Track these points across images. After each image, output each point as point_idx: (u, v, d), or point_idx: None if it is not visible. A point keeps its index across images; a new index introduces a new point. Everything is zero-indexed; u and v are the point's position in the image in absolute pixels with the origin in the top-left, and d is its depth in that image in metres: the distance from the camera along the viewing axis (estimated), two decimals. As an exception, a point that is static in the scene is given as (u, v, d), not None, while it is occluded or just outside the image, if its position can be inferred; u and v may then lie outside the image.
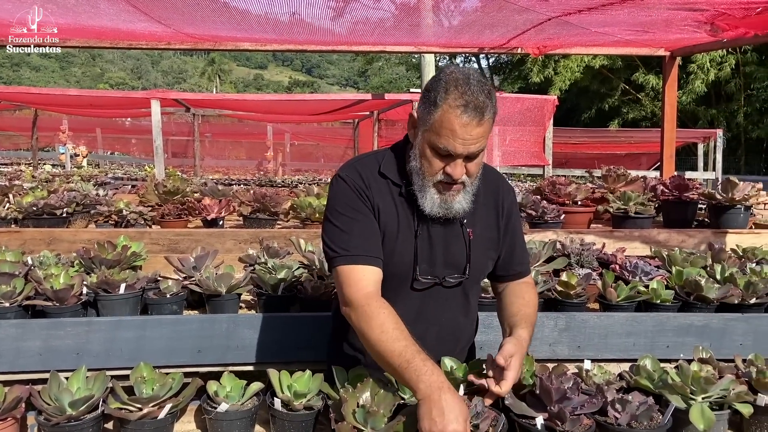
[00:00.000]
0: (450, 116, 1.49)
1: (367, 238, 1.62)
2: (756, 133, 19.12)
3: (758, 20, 3.79)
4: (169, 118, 14.15)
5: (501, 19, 4.43)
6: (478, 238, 1.73)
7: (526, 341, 1.61)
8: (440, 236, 1.70)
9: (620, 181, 4.17)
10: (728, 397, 1.65)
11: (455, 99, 1.49)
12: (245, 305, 2.78)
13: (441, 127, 1.51)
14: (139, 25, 4.47)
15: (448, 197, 1.60)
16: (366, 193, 1.64)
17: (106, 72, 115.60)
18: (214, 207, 3.88)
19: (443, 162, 1.56)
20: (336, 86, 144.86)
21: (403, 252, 1.66)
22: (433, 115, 1.52)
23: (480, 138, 1.52)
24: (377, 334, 1.50)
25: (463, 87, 1.49)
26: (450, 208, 1.61)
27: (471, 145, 1.52)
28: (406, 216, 1.67)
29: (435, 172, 1.58)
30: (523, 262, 1.86)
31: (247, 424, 1.68)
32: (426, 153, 1.57)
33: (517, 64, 23.09)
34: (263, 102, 10.59)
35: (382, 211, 1.65)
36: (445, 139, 1.51)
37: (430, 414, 1.36)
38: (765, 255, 3.18)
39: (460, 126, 1.48)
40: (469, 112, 1.48)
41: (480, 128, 1.50)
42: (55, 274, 2.52)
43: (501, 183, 1.83)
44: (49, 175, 9.13)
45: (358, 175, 1.66)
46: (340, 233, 1.62)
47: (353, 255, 1.59)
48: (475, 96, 1.48)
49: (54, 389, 1.63)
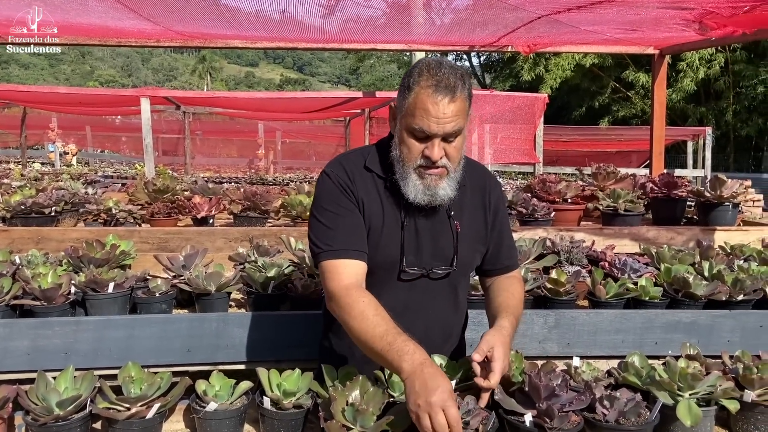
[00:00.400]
0: (422, 96, 1.53)
1: (351, 232, 1.63)
2: (745, 131, 19.24)
3: (746, 19, 3.82)
4: (160, 116, 14.08)
5: (491, 17, 4.44)
6: (466, 231, 1.74)
7: (507, 329, 1.60)
8: (427, 229, 1.71)
9: (610, 179, 4.19)
10: (715, 393, 1.66)
11: (426, 80, 1.54)
12: (235, 304, 2.78)
13: (415, 109, 1.54)
14: (128, 22, 4.44)
15: (431, 182, 1.61)
16: (350, 188, 1.66)
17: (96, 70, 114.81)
18: (204, 205, 3.87)
19: (422, 144, 1.58)
20: (327, 84, 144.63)
21: (389, 244, 1.67)
22: (407, 99, 1.56)
23: (455, 117, 1.54)
24: (358, 322, 1.51)
25: (434, 69, 1.55)
26: (434, 195, 1.62)
27: (445, 124, 1.54)
28: (392, 209, 1.68)
29: (414, 156, 1.59)
30: (511, 256, 1.87)
31: (236, 424, 1.67)
32: (404, 138, 1.60)
33: (507, 62, 23.14)
34: (254, 99, 10.56)
35: (367, 205, 1.67)
36: (420, 119, 1.54)
37: (414, 388, 1.37)
38: (752, 252, 3.21)
39: (432, 104, 1.52)
40: (441, 90, 1.52)
41: (452, 105, 1.53)
42: (43, 273, 2.51)
43: (488, 178, 1.85)
44: (38, 173, 9.07)
45: (343, 171, 1.68)
46: (325, 229, 1.64)
47: (336, 249, 1.61)
48: (446, 76, 1.53)
49: (41, 389, 1.62)
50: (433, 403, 1.34)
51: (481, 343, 1.55)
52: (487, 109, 8.55)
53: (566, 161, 15.51)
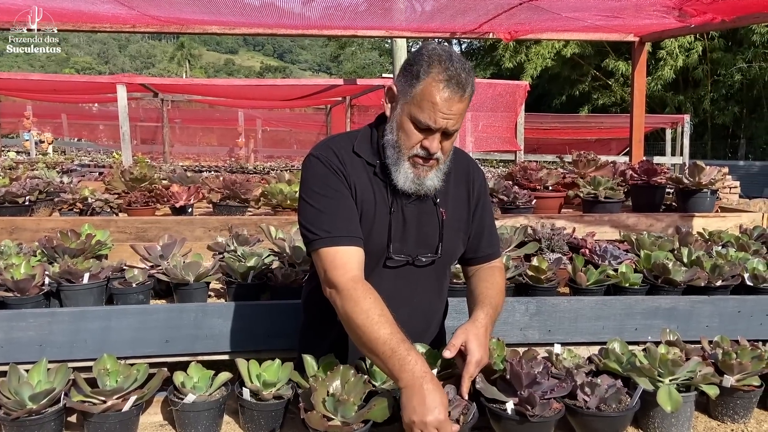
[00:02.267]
0: (432, 89, 1.50)
1: (348, 218, 1.59)
2: (721, 119, 19.52)
3: (725, 6, 3.84)
4: (137, 104, 13.89)
5: (472, 4, 4.42)
6: (451, 219, 1.73)
7: (481, 321, 1.59)
8: (414, 216, 1.69)
9: (590, 167, 4.21)
10: (695, 379, 1.67)
11: (438, 73, 1.50)
12: (214, 294, 2.74)
13: (423, 100, 1.51)
14: (102, 6, 4.35)
15: (422, 173, 1.59)
16: (343, 171, 1.61)
17: (72, 56, 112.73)
18: (183, 194, 3.81)
19: (422, 135, 1.55)
20: (308, 72, 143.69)
21: (378, 231, 1.65)
22: (414, 88, 1.52)
23: (459, 115, 1.54)
24: (362, 320, 1.47)
25: (446, 62, 1.51)
26: (422, 185, 1.61)
27: (450, 120, 1.52)
28: (381, 195, 1.65)
29: (412, 145, 1.57)
30: (492, 244, 1.85)
31: (215, 415, 1.65)
32: (404, 126, 1.56)
33: (489, 49, 23.13)
34: (233, 87, 10.44)
35: (359, 189, 1.63)
36: (427, 112, 1.51)
37: (411, 402, 1.36)
38: (730, 238, 3.24)
39: (442, 100, 1.49)
40: (452, 86, 1.49)
41: (461, 104, 1.52)
42: (16, 263, 2.45)
43: (471, 165, 1.84)
44: (12, 162, 8.87)
45: (333, 154, 1.63)
46: (319, 214, 1.58)
47: (335, 236, 1.55)
48: (458, 72, 1.50)
49: (13, 383, 1.58)
50: (429, 423, 1.33)
51: (453, 338, 1.54)
52: (468, 97, 8.53)
53: (547, 149, 15.57)
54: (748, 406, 1.73)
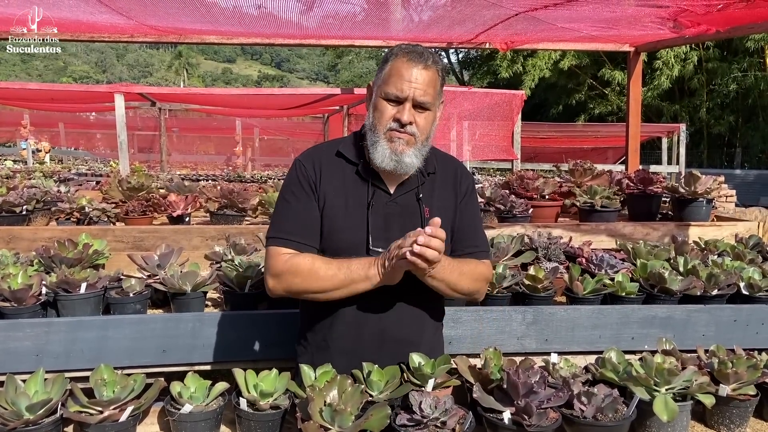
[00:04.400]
0: (397, 64, 1.67)
1: (299, 223, 1.73)
2: (717, 128, 19.59)
3: (719, 17, 3.87)
4: (135, 113, 13.88)
5: (469, 14, 4.45)
6: (434, 217, 1.75)
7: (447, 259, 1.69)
8: (395, 214, 1.75)
9: (587, 175, 4.22)
10: (691, 388, 1.68)
11: (402, 51, 1.69)
12: (211, 303, 2.74)
13: (390, 76, 1.68)
14: (101, 17, 4.36)
15: (398, 147, 1.68)
16: (311, 177, 1.75)
17: (70, 65, 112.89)
18: (180, 203, 3.81)
19: (394, 109, 1.68)
20: (306, 80, 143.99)
21: (353, 227, 1.73)
22: (384, 71, 1.70)
23: (426, 86, 1.66)
24: (313, 276, 1.66)
25: (410, 46, 1.70)
26: (400, 161, 1.69)
27: (417, 89, 1.65)
28: (359, 193, 1.75)
29: (386, 119, 1.69)
30: (477, 243, 1.86)
31: (212, 425, 1.64)
32: (378, 105, 1.71)
33: (486, 59, 23.22)
34: (231, 96, 10.46)
35: (329, 192, 1.75)
36: (393, 84, 1.66)
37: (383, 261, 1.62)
38: (726, 247, 3.25)
39: (406, 69, 1.66)
40: (414, 57, 1.66)
41: (425, 73, 1.66)
42: (13, 273, 2.44)
43: (458, 166, 1.92)
44: (9, 171, 8.87)
45: (310, 160, 1.78)
46: (278, 216, 1.77)
47: (281, 238, 1.73)
48: (420, 49, 1.69)
49: (10, 393, 1.58)
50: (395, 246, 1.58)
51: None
52: (465, 106, 8.56)
53: (544, 158, 15.61)
54: (744, 415, 1.73)
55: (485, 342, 2.36)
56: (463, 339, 2.39)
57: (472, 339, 2.39)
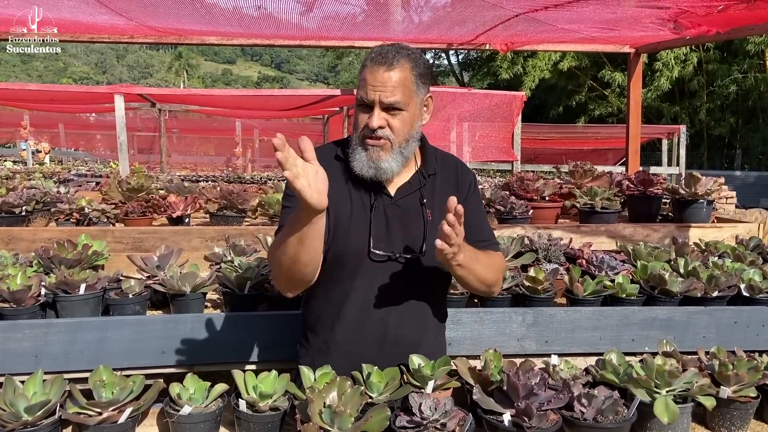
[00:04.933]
0: (364, 70, 1.66)
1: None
2: (717, 130, 19.60)
3: (720, 18, 3.87)
4: (135, 114, 13.87)
5: (470, 15, 4.45)
6: (437, 219, 1.75)
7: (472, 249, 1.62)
8: (397, 216, 1.74)
9: (587, 177, 4.22)
10: (692, 390, 1.67)
11: (369, 56, 1.68)
12: (211, 304, 2.73)
13: (360, 82, 1.68)
14: (101, 17, 4.36)
15: (374, 154, 1.67)
16: None
17: (70, 66, 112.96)
18: (180, 204, 3.81)
19: (366, 115, 1.67)
20: (306, 82, 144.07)
21: (358, 230, 1.71)
22: (359, 78, 1.69)
23: (393, 87, 1.63)
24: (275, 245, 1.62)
25: (378, 49, 1.68)
26: (378, 168, 1.68)
27: (382, 92, 1.63)
28: (360, 196, 1.74)
29: (360, 126, 1.69)
30: (486, 238, 1.83)
31: (212, 427, 1.64)
32: (355, 115, 1.71)
33: (486, 60, 23.24)
34: (230, 97, 10.45)
35: (333, 194, 1.68)
36: (362, 90, 1.66)
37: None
38: (726, 249, 3.25)
39: (370, 74, 1.64)
40: (377, 60, 1.64)
41: (390, 73, 1.63)
42: (12, 274, 2.44)
43: (459, 165, 1.90)
44: (9, 172, 8.86)
45: None
46: (281, 218, 1.74)
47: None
48: (386, 51, 1.66)
49: (9, 394, 1.57)
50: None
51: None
52: (465, 107, 8.56)
53: (544, 159, 15.62)
54: (744, 417, 1.73)
55: (485, 343, 2.35)
56: (463, 340, 2.39)
57: (472, 340, 2.39)
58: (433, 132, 8.18)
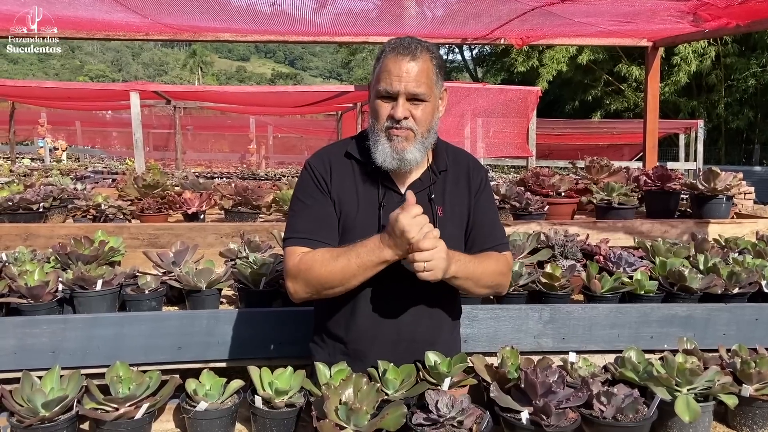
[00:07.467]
0: (386, 61, 1.66)
1: (315, 222, 1.72)
2: (735, 124, 19.34)
3: (740, 10, 3.81)
4: (150, 111, 13.97)
5: (484, 9, 4.41)
6: (448, 216, 1.76)
7: (455, 253, 1.63)
8: None
9: (603, 172, 4.17)
10: (713, 388, 1.64)
11: (389, 47, 1.68)
12: (226, 300, 2.74)
13: (381, 73, 1.67)
14: (116, 15, 4.38)
15: (398, 145, 1.67)
16: (323, 178, 1.74)
17: (86, 64, 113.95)
18: (195, 201, 3.82)
19: (389, 106, 1.67)
20: (319, 78, 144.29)
21: (367, 226, 1.70)
22: (376, 70, 1.70)
23: (417, 77, 1.63)
24: (327, 269, 1.61)
25: (397, 41, 1.69)
26: (402, 159, 1.68)
27: (407, 82, 1.63)
28: (369, 193, 1.74)
29: (382, 118, 1.68)
30: (495, 238, 1.82)
31: (227, 423, 1.64)
32: (374, 105, 1.70)
33: (500, 55, 23.11)
34: (245, 94, 10.47)
35: (341, 192, 1.74)
36: (384, 81, 1.65)
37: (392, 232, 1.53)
38: (747, 245, 3.19)
39: (393, 64, 1.64)
40: (400, 50, 1.65)
41: (414, 64, 1.63)
42: (29, 270, 2.46)
43: (470, 161, 1.88)
44: (27, 169, 8.97)
45: (320, 161, 1.77)
46: (293, 218, 1.76)
47: (296, 237, 1.72)
48: (406, 42, 1.67)
49: (27, 390, 1.58)
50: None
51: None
52: (479, 103, 8.50)
53: (559, 155, 15.51)
54: (767, 415, 1.70)
55: (502, 340, 2.33)
56: (480, 337, 2.37)
57: (488, 337, 2.37)
58: (447, 128, 8.14)
